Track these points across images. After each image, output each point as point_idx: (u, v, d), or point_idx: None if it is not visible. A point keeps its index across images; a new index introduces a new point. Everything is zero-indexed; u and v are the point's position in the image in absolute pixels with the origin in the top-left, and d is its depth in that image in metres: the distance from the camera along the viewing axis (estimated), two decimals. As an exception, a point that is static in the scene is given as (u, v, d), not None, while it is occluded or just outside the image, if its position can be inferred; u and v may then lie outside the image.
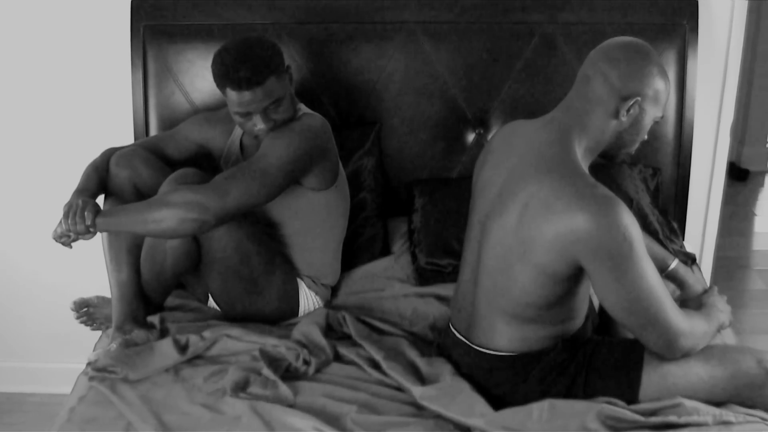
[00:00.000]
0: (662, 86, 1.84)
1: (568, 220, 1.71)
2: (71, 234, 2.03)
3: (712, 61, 2.72)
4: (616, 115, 1.82)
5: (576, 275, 1.80)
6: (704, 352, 1.87)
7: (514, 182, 1.83)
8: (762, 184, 4.93)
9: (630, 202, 2.49)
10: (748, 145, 4.97)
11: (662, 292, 1.76)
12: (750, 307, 3.62)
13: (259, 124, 2.14)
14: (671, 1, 2.62)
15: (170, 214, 1.98)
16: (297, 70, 2.57)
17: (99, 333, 2.37)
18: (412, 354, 2.07)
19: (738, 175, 4.91)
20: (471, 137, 2.70)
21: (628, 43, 1.85)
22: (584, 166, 1.84)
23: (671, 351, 1.83)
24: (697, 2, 2.62)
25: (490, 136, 2.65)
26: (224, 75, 2.09)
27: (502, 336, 1.91)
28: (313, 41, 2.61)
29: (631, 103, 1.81)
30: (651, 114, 1.86)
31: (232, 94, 2.10)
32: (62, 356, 3.01)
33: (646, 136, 1.90)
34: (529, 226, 1.77)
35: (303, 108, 2.29)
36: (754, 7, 3.62)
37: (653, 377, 1.85)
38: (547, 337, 1.90)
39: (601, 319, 2.09)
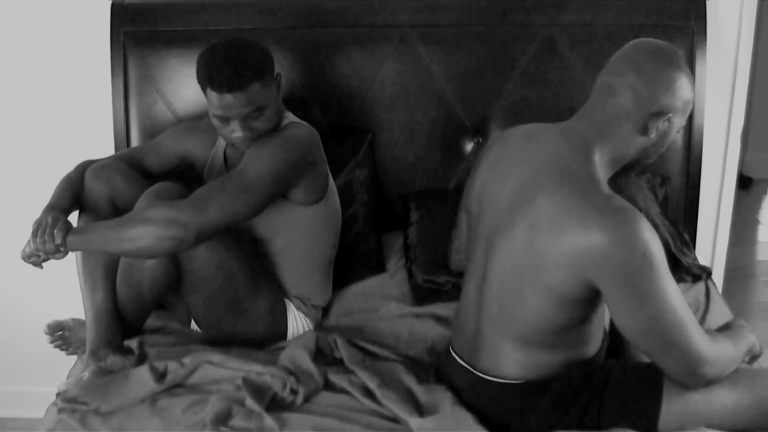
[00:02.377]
0: (691, 96, 1.75)
1: (582, 237, 1.62)
2: (41, 253, 1.96)
3: (721, 63, 2.66)
4: (645, 131, 1.73)
5: (592, 299, 1.71)
6: (730, 378, 1.78)
7: (525, 194, 1.74)
8: (766, 192, 4.90)
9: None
10: (750, 152, 4.93)
11: (686, 315, 1.67)
12: (759, 319, 3.53)
13: (236, 131, 2.07)
14: (678, 1, 2.57)
15: (146, 232, 1.91)
16: (285, 77, 2.51)
17: (75, 357, 2.29)
18: (409, 381, 1.99)
19: (741, 182, 4.81)
20: (469, 146, 2.65)
21: (657, 52, 1.74)
22: (603, 178, 1.74)
23: (694, 379, 1.73)
24: (705, 2, 2.57)
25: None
26: (207, 75, 2.03)
27: (509, 361, 1.82)
28: (302, 46, 2.58)
29: (664, 119, 1.72)
30: (677, 125, 1.77)
31: (212, 96, 2.04)
32: (44, 379, 2.85)
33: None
34: (539, 244, 1.68)
35: (290, 117, 2.23)
36: (766, 7, 3.55)
37: (674, 406, 1.76)
38: (558, 363, 1.81)
39: (613, 340, 1.98)
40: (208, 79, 2.03)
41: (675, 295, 1.65)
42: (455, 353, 1.96)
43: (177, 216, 1.92)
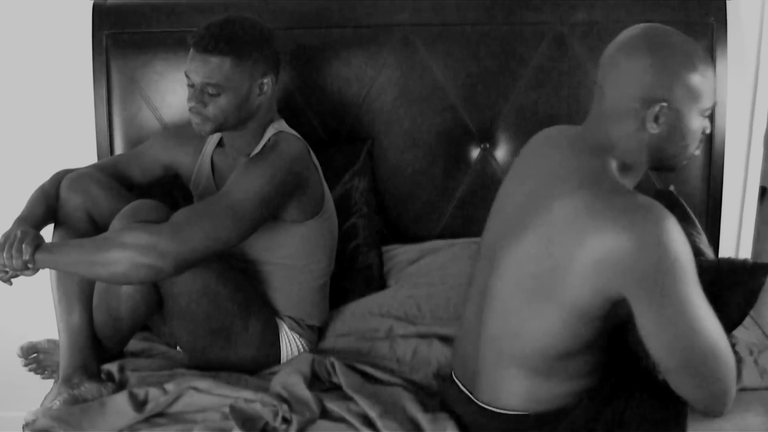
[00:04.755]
0: (696, 78, 1.59)
1: (607, 241, 1.51)
2: (8, 269, 1.88)
3: (743, 61, 2.61)
4: (645, 126, 1.62)
5: (607, 316, 1.60)
6: (759, 399, 1.72)
7: (538, 200, 1.64)
8: (783, 202, 4.81)
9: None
10: (765, 160, 4.86)
11: (716, 330, 1.55)
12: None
13: (190, 100, 2.04)
14: (697, -3, 2.53)
15: (121, 257, 1.84)
16: (280, 81, 2.44)
17: (52, 381, 2.22)
18: (413, 408, 1.92)
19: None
20: (475, 153, 2.59)
21: (634, 37, 1.63)
22: (627, 185, 1.65)
23: (720, 403, 1.61)
24: (725, -2, 2.53)
25: (497, 152, 2.59)
26: (195, 30, 2.04)
27: (511, 391, 1.72)
28: (297, 48, 2.52)
29: (656, 110, 1.59)
30: (693, 112, 1.61)
31: (190, 52, 2.04)
32: (16, 405, 2.74)
33: (708, 130, 1.67)
34: (557, 253, 1.57)
35: (281, 126, 2.16)
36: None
37: None
38: (564, 394, 1.70)
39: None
40: (192, 33, 2.04)
41: (704, 306, 1.54)
42: (457, 379, 1.87)
43: (155, 242, 1.84)
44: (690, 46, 1.61)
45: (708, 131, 1.68)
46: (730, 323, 1.70)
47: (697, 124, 1.63)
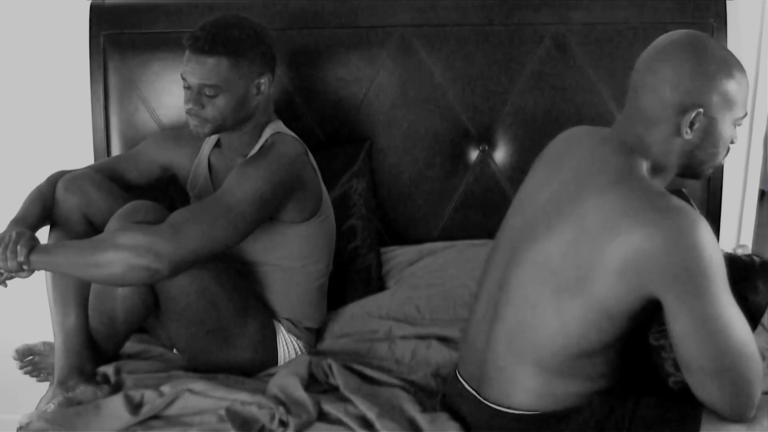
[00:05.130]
0: (732, 85, 1.60)
1: (640, 238, 1.51)
2: (2, 271, 1.87)
3: (743, 62, 2.50)
4: (679, 132, 1.62)
5: (634, 315, 1.59)
6: None
7: (567, 197, 1.64)
8: (782, 205, 4.79)
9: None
10: (764, 163, 4.84)
11: (747, 333, 1.55)
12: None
13: (187, 102, 2.02)
14: (696, -2, 2.54)
15: (116, 259, 1.83)
16: (277, 81, 2.46)
17: (47, 384, 2.20)
18: (412, 409, 1.90)
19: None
20: (474, 155, 2.59)
21: (673, 42, 1.64)
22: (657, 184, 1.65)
23: (746, 407, 1.59)
24: (725, -1, 2.53)
25: (496, 153, 2.58)
26: (190, 32, 2.03)
27: (522, 390, 1.69)
28: (294, 49, 2.51)
29: (692, 116, 1.60)
30: (727, 119, 1.63)
31: (186, 53, 2.02)
32: (12, 408, 2.68)
33: (734, 141, 1.69)
34: (586, 249, 1.57)
35: (279, 126, 2.15)
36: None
37: None
38: (577, 393, 1.67)
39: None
40: (188, 35, 2.02)
41: (735, 311, 1.54)
42: (462, 378, 1.84)
43: (151, 243, 1.83)
44: (727, 53, 1.63)
45: (736, 141, 1.69)
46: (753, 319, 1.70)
47: (729, 132, 1.64)
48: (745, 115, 1.65)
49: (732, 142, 1.67)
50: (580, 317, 1.59)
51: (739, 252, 2.24)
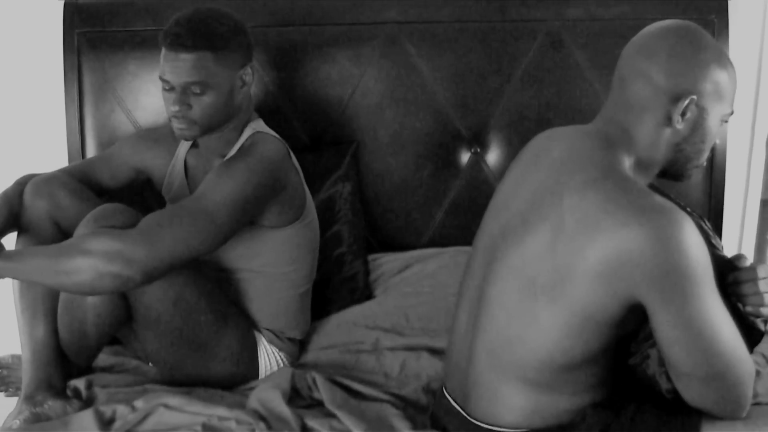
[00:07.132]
0: (724, 76, 1.59)
1: (621, 238, 1.47)
2: None
3: (744, 59, 2.60)
4: (669, 121, 1.60)
5: (622, 320, 1.54)
6: None
7: (544, 197, 1.59)
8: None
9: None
10: (766, 171, 4.89)
11: (734, 334, 1.51)
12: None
13: (171, 105, 1.96)
14: (698, -7, 2.55)
15: (85, 265, 1.76)
16: (258, 81, 2.47)
17: (16, 399, 2.13)
18: (401, 425, 1.87)
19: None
20: (466, 157, 2.57)
21: (667, 29, 1.63)
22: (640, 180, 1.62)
23: (736, 412, 1.59)
24: (727, -6, 2.54)
25: (488, 156, 2.56)
26: (165, 29, 1.97)
27: (509, 407, 1.65)
28: (277, 47, 2.50)
29: (686, 103, 1.57)
30: (716, 113, 1.61)
31: (163, 53, 1.96)
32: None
33: (717, 141, 1.67)
34: (565, 251, 1.52)
35: (259, 126, 2.11)
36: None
37: None
38: (565, 409, 1.63)
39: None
40: (163, 33, 1.96)
41: (722, 312, 1.51)
42: (448, 394, 1.79)
43: (121, 249, 1.77)
44: (719, 45, 1.63)
45: (719, 141, 1.66)
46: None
47: (716, 128, 1.64)
48: (732, 113, 1.64)
49: (716, 142, 1.67)
50: (562, 325, 1.54)
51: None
